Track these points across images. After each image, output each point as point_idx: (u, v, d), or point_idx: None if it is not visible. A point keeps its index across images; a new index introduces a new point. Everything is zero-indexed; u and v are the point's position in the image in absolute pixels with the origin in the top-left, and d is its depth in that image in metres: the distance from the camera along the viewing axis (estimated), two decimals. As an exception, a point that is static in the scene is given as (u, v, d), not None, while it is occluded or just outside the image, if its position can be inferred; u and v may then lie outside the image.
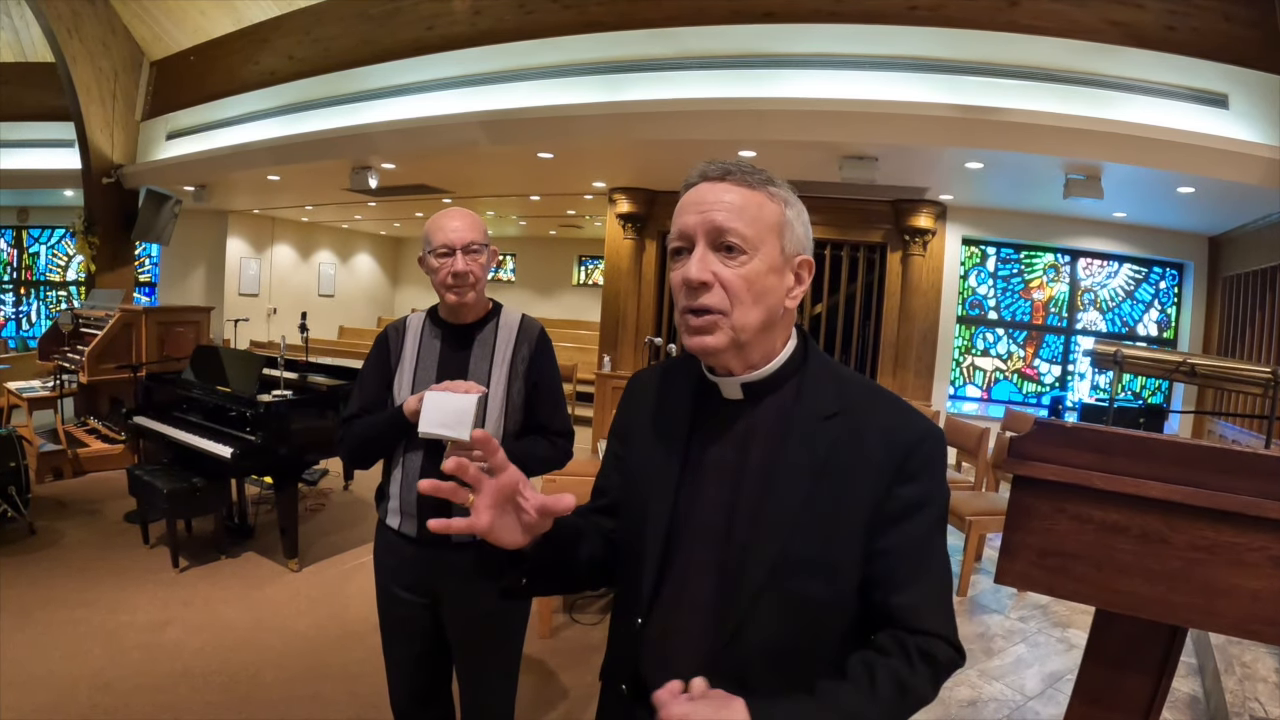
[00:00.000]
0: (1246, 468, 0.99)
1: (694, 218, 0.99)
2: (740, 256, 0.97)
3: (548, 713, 2.89)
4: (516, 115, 5.98)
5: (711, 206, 0.98)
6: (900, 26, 5.27)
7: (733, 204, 0.98)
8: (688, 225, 0.99)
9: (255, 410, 4.11)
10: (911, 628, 0.96)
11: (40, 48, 9.19)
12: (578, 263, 15.22)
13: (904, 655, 0.94)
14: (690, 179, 1.04)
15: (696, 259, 0.97)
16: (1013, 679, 3.39)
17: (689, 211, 1.00)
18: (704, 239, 0.98)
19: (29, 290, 12.76)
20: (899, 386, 7.53)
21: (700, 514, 1.04)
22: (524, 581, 1.05)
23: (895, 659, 0.94)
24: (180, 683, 2.98)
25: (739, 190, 0.99)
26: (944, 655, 0.96)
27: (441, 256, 1.83)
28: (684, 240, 1.00)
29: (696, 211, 0.99)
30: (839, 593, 0.98)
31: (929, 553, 0.99)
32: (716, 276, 0.97)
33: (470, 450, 1.69)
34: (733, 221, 0.97)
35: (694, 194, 1.01)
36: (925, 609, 0.97)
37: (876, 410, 1.02)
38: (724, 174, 1.00)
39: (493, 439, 0.95)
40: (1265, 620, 0.99)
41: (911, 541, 0.98)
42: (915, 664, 0.94)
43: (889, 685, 0.91)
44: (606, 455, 1.24)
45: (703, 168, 1.03)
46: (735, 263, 0.97)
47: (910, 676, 0.93)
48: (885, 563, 0.97)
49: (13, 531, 4.37)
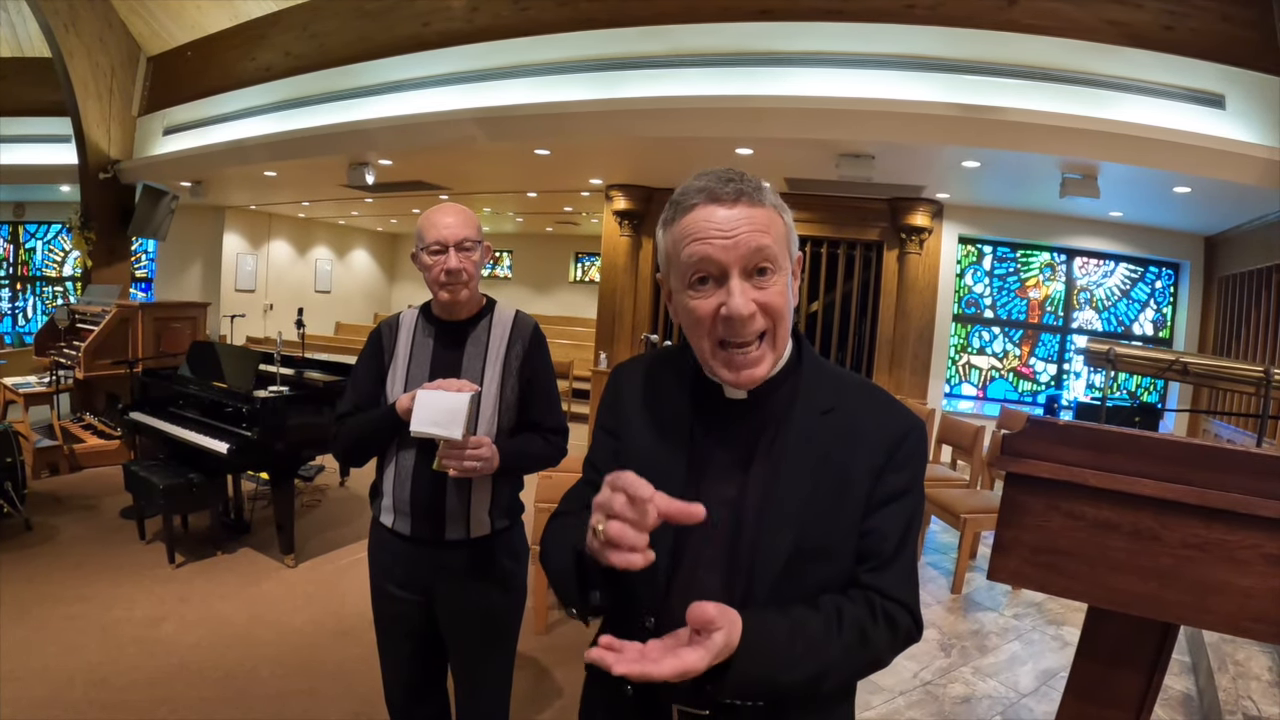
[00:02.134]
0: (1238, 466, 0.99)
1: (722, 245, 0.95)
2: (772, 277, 0.97)
3: (543, 709, 2.90)
4: (513, 112, 5.97)
5: (738, 232, 0.95)
6: (898, 25, 5.27)
7: (756, 227, 0.96)
8: (716, 254, 0.95)
9: (251, 406, 4.10)
10: (883, 594, 1.02)
11: (37, 43, 9.14)
12: (574, 259, 15.23)
13: (870, 611, 1.01)
14: (691, 198, 0.98)
15: (739, 293, 0.94)
16: (1007, 676, 3.41)
17: (711, 239, 0.95)
18: (738, 269, 0.95)
19: (25, 286, 12.73)
20: (895, 384, 7.55)
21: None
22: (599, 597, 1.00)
23: (862, 610, 1.00)
24: (176, 678, 2.98)
25: (753, 210, 0.97)
26: (904, 623, 1.03)
27: (434, 253, 1.82)
28: (711, 269, 0.96)
29: (721, 238, 0.95)
30: (841, 573, 1.04)
31: (905, 536, 1.05)
32: (756, 303, 0.96)
33: (463, 449, 1.70)
34: (763, 247, 0.96)
35: (708, 218, 0.96)
36: (896, 582, 1.04)
37: (868, 404, 1.08)
38: (738, 195, 0.96)
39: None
40: (1257, 618, 1.00)
41: (893, 524, 1.04)
42: (879, 621, 1.00)
43: (852, 630, 0.98)
44: (598, 450, 1.22)
45: (709, 187, 0.97)
46: (769, 284, 0.97)
47: (872, 629, 0.99)
48: (869, 540, 1.04)
49: (9, 527, 4.37)
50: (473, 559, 1.87)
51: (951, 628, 3.92)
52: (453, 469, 1.72)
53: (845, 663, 0.97)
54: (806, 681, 0.94)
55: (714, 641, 0.84)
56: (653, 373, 1.18)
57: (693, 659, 0.82)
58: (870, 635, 0.98)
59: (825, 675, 0.95)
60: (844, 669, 0.98)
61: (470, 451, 1.71)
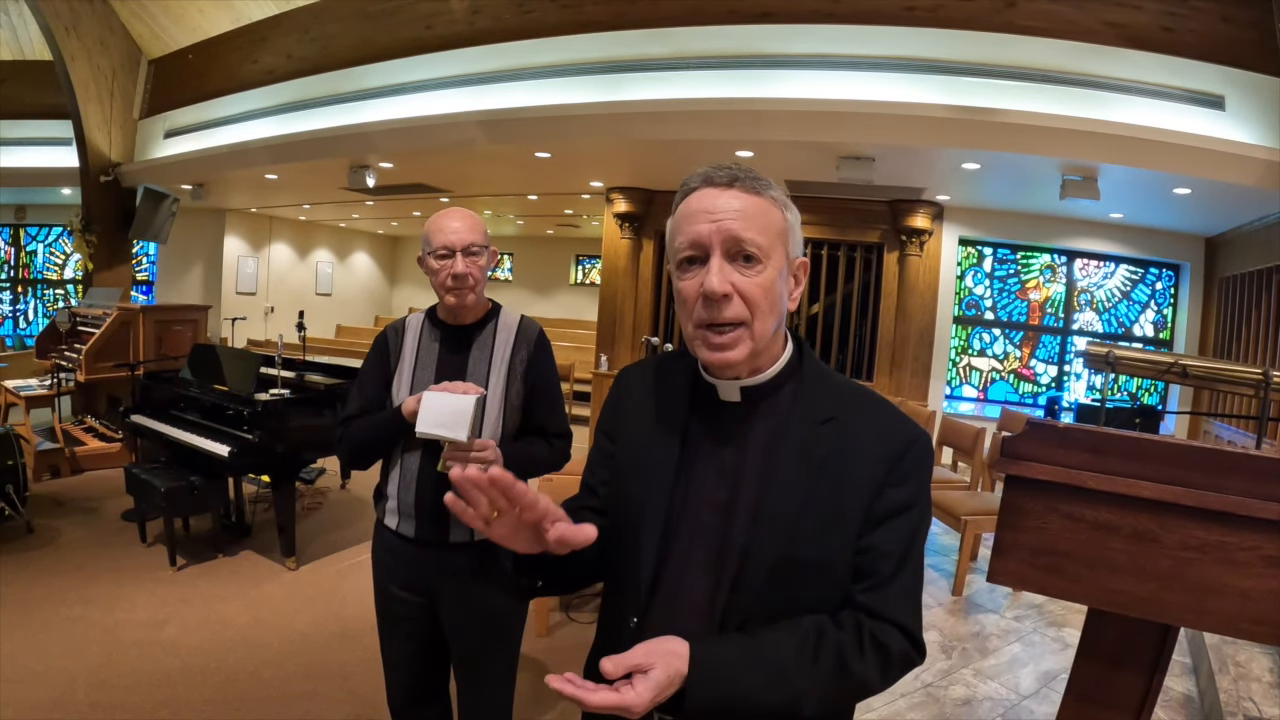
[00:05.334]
0: (1237, 468, 1.00)
1: (707, 226, 0.96)
2: (757, 265, 0.97)
3: (545, 712, 2.90)
4: (514, 115, 5.98)
5: (725, 215, 0.96)
6: (897, 27, 5.28)
7: (744, 211, 0.96)
8: (701, 235, 0.96)
9: (253, 409, 4.10)
10: (875, 614, 0.99)
11: (38, 46, 9.16)
12: (575, 262, 15.24)
13: (856, 638, 0.97)
14: (691, 183, 1.01)
15: (716, 270, 0.95)
16: (1008, 678, 3.41)
17: (699, 220, 0.97)
18: (720, 249, 0.96)
19: (26, 289, 12.74)
20: (895, 386, 7.55)
21: (696, 514, 1.04)
22: (539, 584, 1.06)
23: (847, 637, 0.96)
24: (178, 680, 2.98)
25: (747, 197, 0.98)
26: (898, 646, 0.98)
27: (441, 258, 1.82)
28: (697, 250, 0.98)
29: (708, 220, 0.96)
30: (834, 590, 1.00)
31: (908, 553, 1.02)
32: (735, 287, 0.96)
33: (468, 451, 1.71)
34: (748, 231, 0.96)
35: (700, 200, 0.98)
36: (892, 603, 0.99)
37: (870, 415, 1.05)
38: (731, 180, 0.98)
39: (529, 492, 0.92)
40: (1256, 619, 1.00)
41: (895, 540, 1.00)
42: (865, 648, 0.96)
43: (830, 659, 0.94)
44: (594, 452, 1.23)
45: (706, 172, 1.00)
46: (753, 272, 0.97)
47: (855, 659, 0.95)
48: (867, 558, 1.00)
49: (11, 530, 4.37)
50: (476, 561, 1.87)
51: (952, 630, 3.92)
52: (457, 471, 1.72)
53: (822, 689, 0.94)
54: (778, 704, 0.92)
55: (651, 679, 0.85)
56: (654, 374, 1.18)
57: (631, 697, 0.84)
58: (851, 665, 0.95)
59: (799, 700, 0.92)
60: (822, 695, 0.94)
61: (475, 454, 1.72)
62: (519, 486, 0.90)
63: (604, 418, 1.23)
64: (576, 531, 0.92)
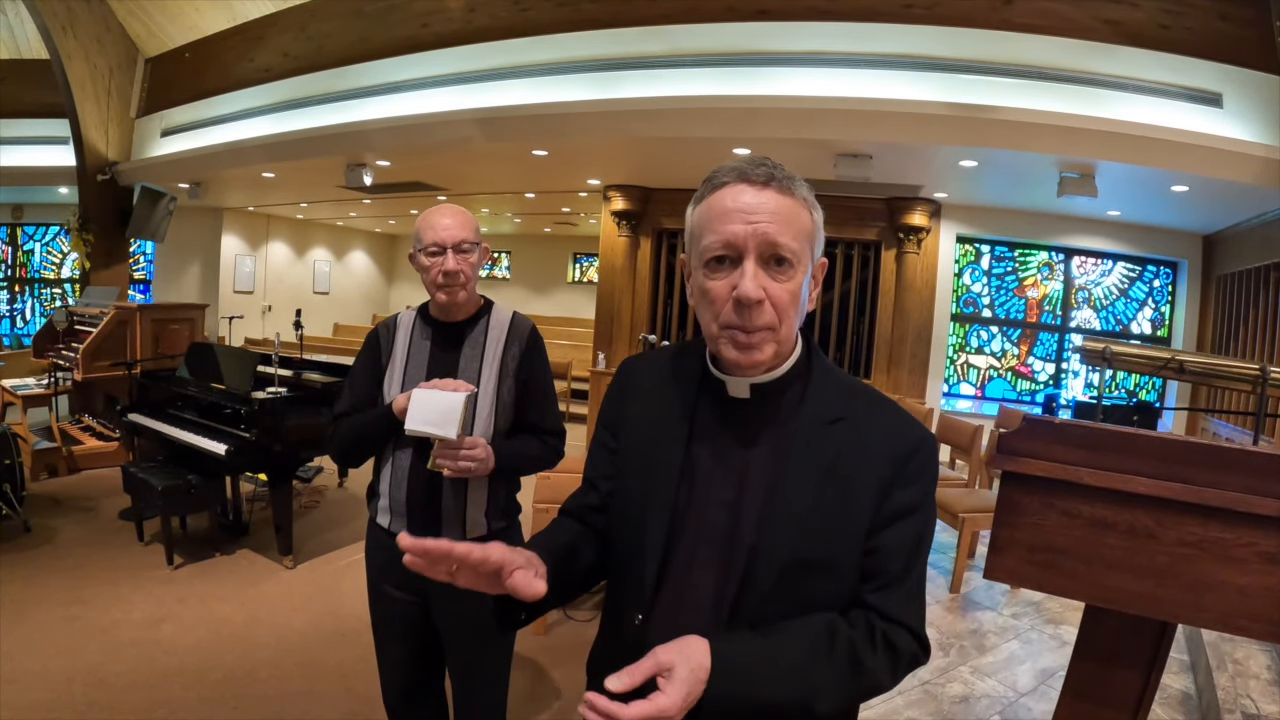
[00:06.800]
0: (1234, 464, 0.99)
1: (743, 228, 0.94)
2: (789, 270, 0.96)
3: (541, 710, 2.90)
4: (511, 113, 5.97)
5: (761, 217, 0.94)
6: (895, 25, 5.27)
7: (779, 214, 0.94)
8: (736, 236, 0.94)
9: (250, 407, 4.10)
10: (885, 615, 0.99)
11: (35, 44, 9.13)
12: (573, 260, 15.21)
13: (869, 636, 0.97)
14: (723, 177, 0.98)
15: (750, 275, 0.93)
16: (1005, 675, 3.41)
17: (734, 219, 0.94)
18: (754, 253, 0.94)
19: (23, 287, 12.71)
20: (893, 384, 7.56)
21: (703, 512, 1.03)
22: (523, 617, 1.05)
23: (860, 635, 0.96)
24: (175, 679, 2.98)
25: (781, 198, 0.96)
26: (907, 646, 0.99)
27: (432, 255, 1.82)
28: (730, 251, 0.95)
29: (744, 221, 0.94)
30: (843, 591, 1.00)
31: (914, 554, 1.01)
32: (766, 293, 0.94)
33: (458, 449, 1.71)
34: (784, 235, 0.94)
35: (735, 198, 0.96)
36: (901, 603, 1.00)
37: (878, 416, 1.04)
38: (768, 179, 0.96)
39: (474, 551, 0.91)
40: (1252, 616, 1.00)
41: (901, 542, 1.00)
42: (877, 647, 0.96)
43: (844, 655, 0.94)
44: (595, 446, 1.21)
45: (740, 168, 0.97)
46: (784, 277, 0.96)
47: (868, 655, 0.95)
48: (874, 559, 0.99)
49: (8, 529, 4.36)
50: None
51: (950, 627, 3.92)
52: (447, 469, 1.72)
53: (836, 686, 0.93)
54: (793, 702, 0.91)
55: (677, 677, 0.84)
56: (659, 367, 1.16)
57: (664, 701, 0.83)
58: (865, 661, 0.95)
59: (815, 697, 0.92)
60: (836, 692, 0.94)
61: (465, 451, 1.71)
62: (459, 549, 0.89)
63: (605, 410, 1.22)
64: (527, 585, 0.91)
